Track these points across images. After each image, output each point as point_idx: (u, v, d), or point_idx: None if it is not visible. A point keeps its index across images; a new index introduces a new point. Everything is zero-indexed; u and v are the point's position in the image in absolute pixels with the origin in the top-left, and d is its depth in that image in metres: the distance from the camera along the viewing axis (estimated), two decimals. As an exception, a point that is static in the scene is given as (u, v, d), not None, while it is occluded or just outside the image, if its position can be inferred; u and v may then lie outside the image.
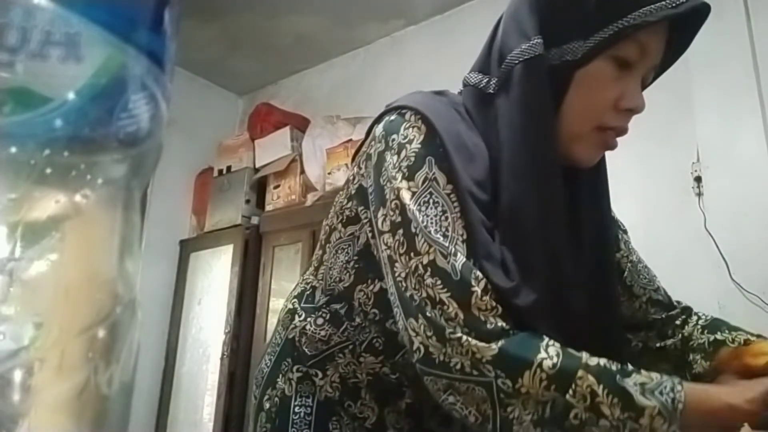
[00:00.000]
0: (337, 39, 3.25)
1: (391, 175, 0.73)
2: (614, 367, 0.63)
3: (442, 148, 0.72)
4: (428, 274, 0.67)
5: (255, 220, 3.12)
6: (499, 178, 0.75)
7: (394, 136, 0.75)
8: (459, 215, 0.71)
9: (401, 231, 0.70)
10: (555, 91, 0.75)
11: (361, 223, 0.80)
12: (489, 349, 0.63)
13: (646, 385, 0.61)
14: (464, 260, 0.67)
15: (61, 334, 0.22)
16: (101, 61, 0.23)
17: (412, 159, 0.72)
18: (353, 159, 0.87)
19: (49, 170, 0.22)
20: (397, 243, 0.70)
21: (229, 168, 3.27)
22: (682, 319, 0.92)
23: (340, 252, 0.82)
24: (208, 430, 2.87)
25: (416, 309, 0.67)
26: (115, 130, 0.24)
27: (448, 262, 0.67)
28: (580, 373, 0.61)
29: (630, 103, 0.75)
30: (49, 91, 0.22)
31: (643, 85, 0.78)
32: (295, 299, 0.87)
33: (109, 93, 0.23)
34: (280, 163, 3.07)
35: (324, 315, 0.82)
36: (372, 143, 0.79)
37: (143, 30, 0.25)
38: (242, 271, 3.00)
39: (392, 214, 0.71)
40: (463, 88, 0.85)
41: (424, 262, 0.68)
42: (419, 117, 0.75)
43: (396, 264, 0.70)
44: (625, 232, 0.97)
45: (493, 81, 0.78)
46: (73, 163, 0.23)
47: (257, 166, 3.18)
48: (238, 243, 3.06)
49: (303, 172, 2.97)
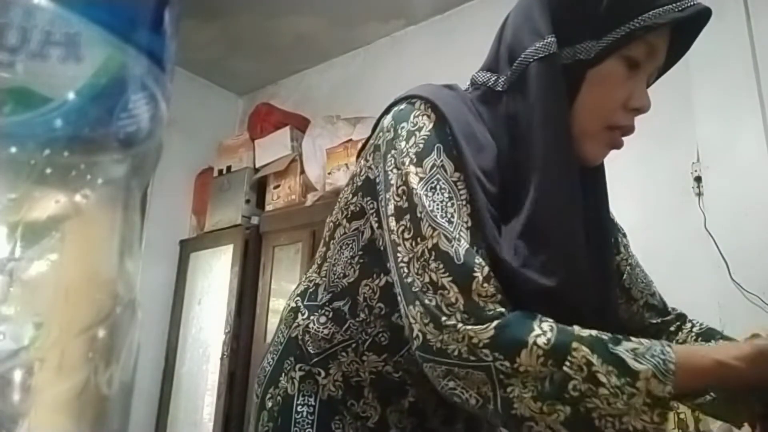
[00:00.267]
0: (337, 39, 3.25)
1: (400, 161, 0.73)
2: (605, 337, 0.64)
3: (451, 137, 0.73)
4: (432, 258, 0.68)
5: (255, 220, 3.12)
6: (510, 174, 0.75)
7: (404, 124, 0.76)
8: (465, 203, 0.71)
9: (408, 216, 0.71)
10: (568, 90, 0.76)
11: (366, 217, 0.81)
12: (485, 332, 0.64)
13: (638, 350, 0.63)
14: (467, 246, 0.68)
15: (61, 334, 0.22)
16: (101, 61, 0.23)
17: (421, 146, 0.73)
18: (359, 154, 0.87)
19: (49, 170, 0.22)
20: (402, 227, 0.71)
21: (229, 168, 3.27)
22: (676, 325, 0.92)
23: (344, 248, 0.83)
24: (208, 430, 2.87)
25: (415, 296, 0.68)
26: (115, 130, 0.24)
27: (452, 246, 0.68)
28: (575, 345, 0.62)
29: (638, 103, 0.77)
30: (49, 91, 0.22)
31: (646, 86, 0.79)
32: (298, 297, 0.87)
33: (109, 93, 0.23)
34: (280, 163, 3.07)
35: (327, 313, 0.82)
36: (380, 134, 0.79)
37: (143, 30, 0.25)
38: (242, 271, 3.00)
39: (399, 198, 0.72)
40: (470, 86, 0.85)
41: (429, 245, 0.68)
42: (429, 105, 0.75)
43: (399, 248, 0.71)
44: (624, 236, 0.97)
45: (502, 79, 0.79)
46: (73, 163, 0.23)
47: (257, 166, 3.18)
48: (238, 243, 3.06)
49: (303, 172, 2.97)
